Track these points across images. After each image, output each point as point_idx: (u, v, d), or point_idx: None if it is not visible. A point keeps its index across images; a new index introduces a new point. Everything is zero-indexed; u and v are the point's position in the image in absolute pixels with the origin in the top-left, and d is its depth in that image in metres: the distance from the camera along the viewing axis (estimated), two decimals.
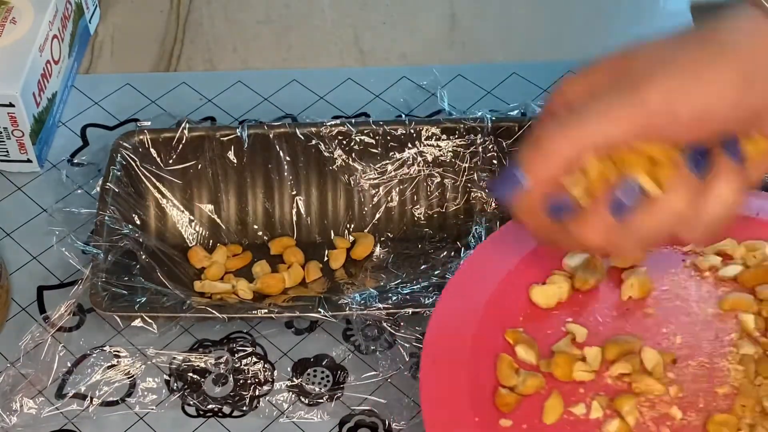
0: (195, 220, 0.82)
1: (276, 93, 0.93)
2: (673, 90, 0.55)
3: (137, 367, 0.74)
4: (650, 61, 0.56)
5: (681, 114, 0.55)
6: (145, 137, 0.81)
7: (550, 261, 0.71)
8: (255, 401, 0.73)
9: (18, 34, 0.85)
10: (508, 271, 0.71)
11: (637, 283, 0.70)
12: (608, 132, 0.55)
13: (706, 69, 0.55)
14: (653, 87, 0.55)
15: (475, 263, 0.71)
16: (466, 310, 0.69)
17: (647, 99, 0.54)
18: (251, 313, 0.73)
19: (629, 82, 0.55)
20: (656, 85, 0.55)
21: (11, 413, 0.72)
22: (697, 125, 0.55)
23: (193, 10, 1.01)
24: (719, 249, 0.72)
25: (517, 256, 0.71)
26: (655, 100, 0.54)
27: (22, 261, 0.81)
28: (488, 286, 0.70)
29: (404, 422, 0.72)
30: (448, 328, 0.68)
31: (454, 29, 0.99)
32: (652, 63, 0.56)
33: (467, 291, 0.70)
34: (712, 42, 0.56)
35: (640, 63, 0.56)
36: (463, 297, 0.70)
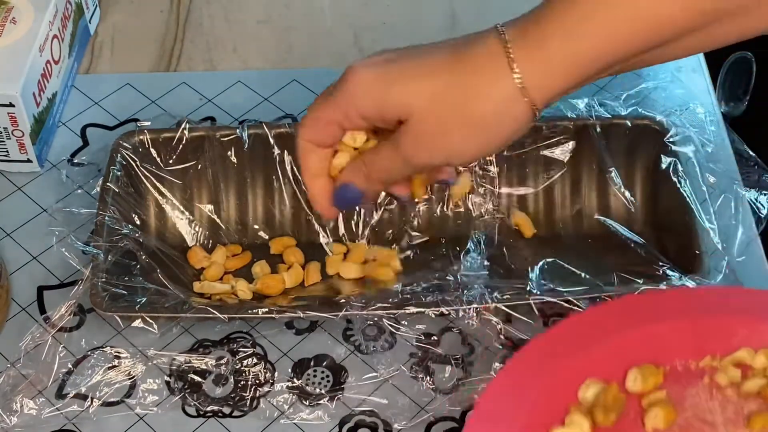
0: (195, 220, 0.82)
1: (276, 93, 0.92)
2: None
3: (137, 367, 0.74)
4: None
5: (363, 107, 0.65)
6: (145, 137, 0.81)
7: (564, 395, 0.67)
8: (255, 401, 0.73)
9: (18, 34, 0.85)
10: (527, 412, 0.65)
11: (661, 413, 0.66)
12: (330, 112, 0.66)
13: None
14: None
15: (490, 405, 0.66)
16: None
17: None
18: (252, 313, 0.73)
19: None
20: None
21: (11, 414, 0.71)
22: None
23: (193, 10, 1.01)
24: (737, 360, 0.68)
25: (532, 391, 0.66)
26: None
27: (22, 261, 0.81)
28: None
29: (404, 422, 0.72)
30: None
31: (454, 29, 0.99)
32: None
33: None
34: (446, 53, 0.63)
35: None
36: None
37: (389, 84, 0.63)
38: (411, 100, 0.62)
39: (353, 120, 0.65)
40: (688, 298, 0.70)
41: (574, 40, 0.59)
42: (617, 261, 0.79)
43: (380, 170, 0.67)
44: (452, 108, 0.62)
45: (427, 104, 0.62)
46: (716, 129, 0.86)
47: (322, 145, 0.68)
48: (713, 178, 0.82)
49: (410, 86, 0.63)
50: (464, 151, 0.64)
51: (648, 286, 0.73)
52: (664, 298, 0.70)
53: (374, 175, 0.67)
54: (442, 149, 0.64)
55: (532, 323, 0.75)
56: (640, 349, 0.67)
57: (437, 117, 0.62)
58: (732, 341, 0.68)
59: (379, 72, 0.64)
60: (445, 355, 0.75)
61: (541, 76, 0.60)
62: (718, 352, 0.68)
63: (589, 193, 0.83)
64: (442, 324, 0.76)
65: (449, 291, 0.75)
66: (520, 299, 0.73)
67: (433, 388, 0.73)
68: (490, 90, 0.61)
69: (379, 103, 0.64)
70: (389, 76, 0.63)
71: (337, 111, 0.65)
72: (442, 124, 0.62)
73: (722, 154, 0.85)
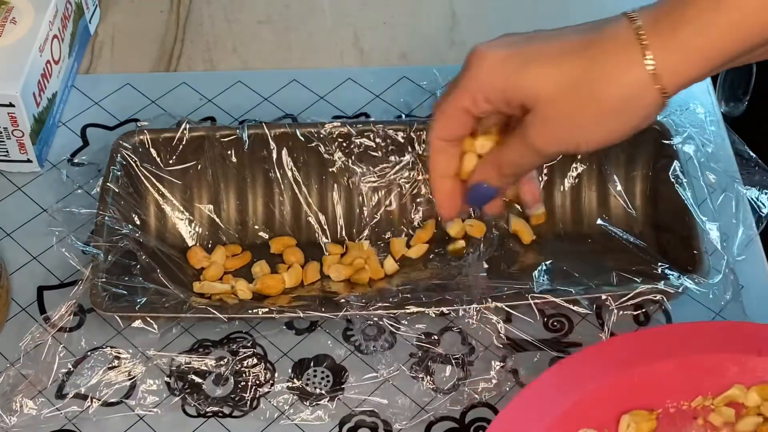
0: (195, 220, 0.82)
1: (276, 93, 0.92)
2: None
3: (137, 368, 0.74)
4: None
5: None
6: (145, 137, 0.81)
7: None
8: (255, 402, 0.73)
9: (18, 34, 0.85)
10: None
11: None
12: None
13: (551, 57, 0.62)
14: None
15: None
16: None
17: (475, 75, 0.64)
18: (252, 313, 0.73)
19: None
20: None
21: (11, 414, 0.71)
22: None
23: (193, 10, 1.01)
24: (730, 398, 0.67)
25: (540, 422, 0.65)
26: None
27: (22, 261, 0.81)
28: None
29: (404, 422, 0.72)
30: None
31: (454, 29, 0.99)
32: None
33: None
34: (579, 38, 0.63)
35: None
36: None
37: (517, 67, 0.63)
38: (539, 84, 0.62)
39: (479, 104, 0.65)
40: (675, 336, 0.69)
41: (707, 29, 0.59)
42: (617, 261, 0.79)
43: (510, 164, 0.67)
44: (582, 93, 0.61)
45: (555, 90, 0.62)
46: (716, 129, 0.86)
47: (454, 138, 0.67)
48: (713, 178, 0.82)
49: (539, 70, 0.62)
50: (592, 137, 0.63)
51: (647, 286, 0.73)
52: (651, 337, 0.69)
53: (505, 171, 0.67)
54: (571, 136, 0.63)
55: (532, 323, 0.75)
56: (631, 393, 0.66)
57: (566, 103, 0.62)
58: (723, 379, 0.67)
59: (506, 53, 0.63)
60: (445, 354, 0.75)
61: (673, 64, 0.60)
62: (709, 391, 0.67)
63: (589, 193, 0.83)
64: (442, 324, 0.76)
65: (449, 291, 0.75)
66: (520, 299, 0.73)
67: (433, 388, 0.73)
68: (622, 76, 0.61)
69: (505, 85, 0.63)
70: (517, 59, 0.63)
71: (465, 96, 0.65)
72: (570, 110, 0.62)
73: (722, 154, 0.85)
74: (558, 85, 0.62)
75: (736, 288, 0.76)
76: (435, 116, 0.67)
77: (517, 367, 0.74)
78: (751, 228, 0.81)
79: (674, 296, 0.75)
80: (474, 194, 0.69)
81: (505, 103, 0.64)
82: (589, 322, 0.77)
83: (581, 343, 0.75)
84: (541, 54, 0.63)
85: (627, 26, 0.61)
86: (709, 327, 0.72)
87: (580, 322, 0.77)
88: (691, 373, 0.67)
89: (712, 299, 0.75)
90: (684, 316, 0.77)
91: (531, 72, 0.62)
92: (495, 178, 0.68)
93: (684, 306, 0.77)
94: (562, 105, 0.62)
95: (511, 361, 0.74)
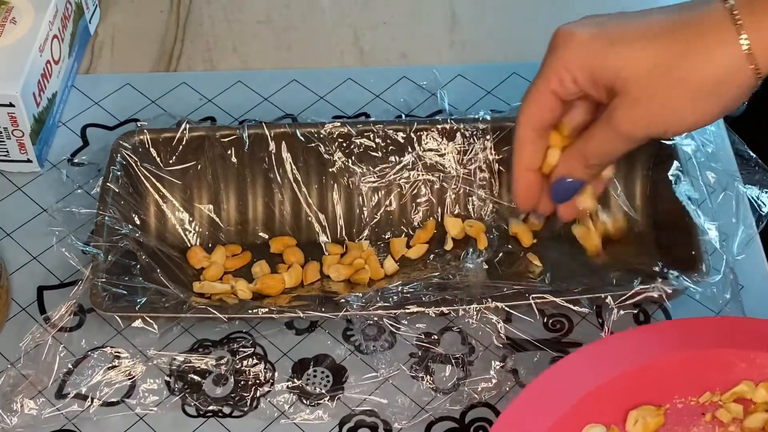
0: (195, 220, 0.82)
1: (276, 93, 0.92)
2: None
3: (137, 367, 0.74)
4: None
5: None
6: (145, 137, 0.81)
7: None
8: (255, 401, 0.73)
9: (18, 34, 0.85)
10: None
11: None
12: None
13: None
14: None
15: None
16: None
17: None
18: (252, 313, 0.73)
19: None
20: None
21: (12, 414, 0.72)
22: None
23: (193, 10, 1.01)
24: (738, 394, 0.67)
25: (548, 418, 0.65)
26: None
27: (22, 261, 0.81)
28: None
29: (404, 422, 0.72)
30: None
31: (454, 29, 0.99)
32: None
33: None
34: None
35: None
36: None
37: (606, 47, 0.62)
38: (629, 65, 0.61)
39: (567, 84, 0.64)
40: (682, 331, 0.68)
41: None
42: (617, 261, 0.79)
43: (597, 153, 0.66)
44: (674, 74, 0.61)
45: (646, 71, 0.61)
46: (716, 129, 0.86)
47: (542, 126, 0.67)
48: (713, 177, 0.82)
49: (629, 51, 0.62)
50: (683, 120, 0.63)
51: (646, 286, 0.73)
52: (657, 333, 0.69)
53: (592, 161, 0.67)
54: (661, 119, 0.63)
55: (532, 323, 0.75)
56: (638, 389, 0.66)
57: (657, 84, 0.61)
58: (731, 375, 0.67)
59: (593, 33, 0.63)
60: (445, 354, 0.75)
61: (767, 43, 0.60)
62: (717, 387, 0.67)
63: None
64: (442, 324, 0.76)
65: (449, 291, 0.75)
66: (520, 299, 0.73)
67: (433, 387, 0.73)
68: (716, 56, 0.60)
69: (593, 65, 0.63)
70: (606, 39, 0.62)
71: (552, 77, 0.65)
72: (662, 92, 0.61)
73: (722, 154, 0.85)
74: (649, 66, 0.61)
75: (735, 288, 0.76)
76: (522, 104, 0.67)
77: (517, 367, 0.74)
78: (751, 227, 0.81)
79: (674, 296, 0.75)
80: (558, 189, 0.69)
81: (592, 84, 0.63)
82: (589, 322, 0.77)
83: (581, 343, 0.75)
84: (630, 35, 0.62)
85: (720, 7, 0.60)
86: (717, 322, 0.71)
87: (580, 322, 0.77)
88: (698, 368, 0.67)
89: (712, 299, 0.75)
90: (683, 315, 0.77)
91: (620, 53, 0.62)
92: (580, 170, 0.67)
93: (683, 306, 0.77)
94: (653, 86, 0.61)
95: (511, 361, 0.75)
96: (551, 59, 0.64)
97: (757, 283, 0.79)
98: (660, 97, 0.62)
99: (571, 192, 0.70)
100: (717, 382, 0.67)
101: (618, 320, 0.74)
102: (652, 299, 0.76)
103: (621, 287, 0.74)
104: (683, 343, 0.67)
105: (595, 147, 0.66)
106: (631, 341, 0.68)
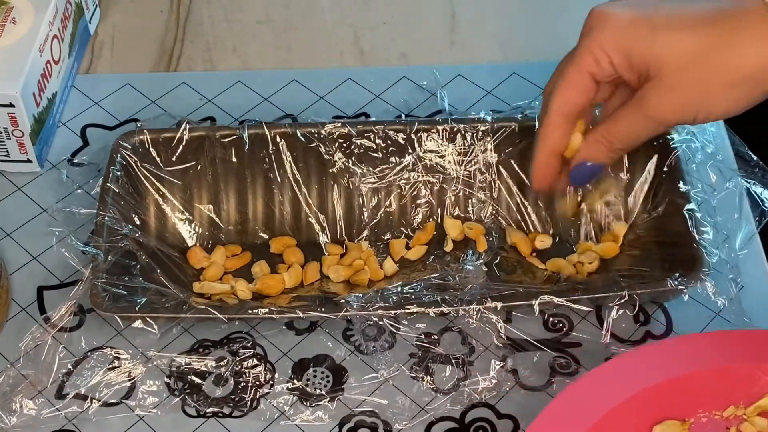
0: (195, 220, 0.82)
1: (276, 93, 0.92)
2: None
3: (137, 368, 0.74)
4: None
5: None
6: (145, 137, 0.81)
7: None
8: (255, 402, 0.73)
9: (18, 34, 0.85)
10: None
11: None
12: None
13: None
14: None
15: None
16: None
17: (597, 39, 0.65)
18: (252, 313, 0.73)
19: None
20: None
21: (11, 414, 0.71)
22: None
23: (193, 10, 1.01)
24: (762, 408, 0.67)
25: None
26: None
27: (22, 261, 0.81)
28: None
29: (405, 422, 0.72)
30: None
31: (454, 29, 0.99)
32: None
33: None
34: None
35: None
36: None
37: (645, 31, 0.63)
38: (668, 51, 0.62)
39: (603, 65, 0.64)
40: (706, 345, 0.68)
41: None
42: (617, 261, 0.79)
43: (624, 137, 0.67)
44: (713, 62, 0.62)
45: (685, 58, 0.62)
46: (716, 129, 0.86)
47: (575, 109, 0.67)
48: (713, 178, 0.82)
49: (668, 37, 0.62)
50: (716, 107, 0.64)
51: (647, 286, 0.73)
52: (680, 346, 0.69)
53: (617, 145, 0.67)
54: (694, 105, 0.64)
55: (532, 323, 0.76)
56: (662, 403, 0.66)
57: (695, 71, 0.62)
58: (755, 389, 0.67)
59: (631, 16, 0.64)
60: (445, 354, 0.75)
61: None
62: (741, 401, 0.67)
63: None
64: (442, 324, 0.76)
65: (449, 291, 0.75)
66: (520, 299, 0.73)
67: (433, 388, 0.73)
68: (755, 49, 0.61)
69: (631, 48, 0.63)
70: (644, 23, 0.63)
71: (588, 57, 0.65)
72: (699, 78, 0.62)
73: (722, 154, 0.85)
74: (688, 53, 0.62)
75: (736, 288, 0.76)
76: (556, 88, 0.67)
77: (517, 367, 0.74)
78: (752, 225, 0.81)
79: (674, 296, 0.75)
80: (577, 173, 0.69)
81: (628, 67, 0.64)
82: (589, 322, 0.77)
83: (581, 343, 0.75)
84: (670, 21, 0.63)
85: (762, 3, 0.61)
86: (739, 335, 0.71)
87: (580, 322, 0.77)
88: (723, 382, 0.66)
89: (712, 299, 0.75)
90: (684, 316, 0.77)
91: (660, 38, 0.62)
92: (604, 154, 0.68)
93: (684, 306, 0.76)
94: (691, 73, 0.62)
95: (511, 361, 0.75)
96: (588, 40, 0.65)
97: (757, 284, 0.79)
98: (697, 84, 0.63)
99: (591, 176, 0.70)
100: (741, 395, 0.67)
101: (618, 321, 0.74)
102: (652, 300, 0.76)
103: (621, 287, 0.73)
104: (706, 358, 0.67)
105: (623, 130, 0.66)
106: (654, 356, 0.68)
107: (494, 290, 0.74)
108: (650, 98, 0.64)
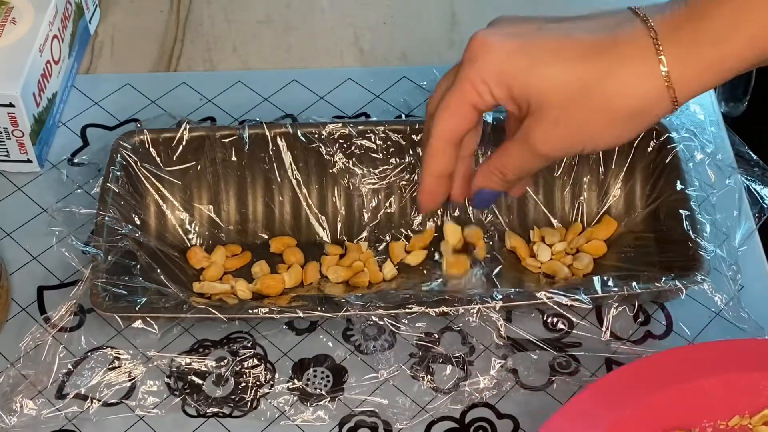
0: (195, 220, 0.82)
1: (276, 93, 0.92)
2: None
3: (138, 368, 0.74)
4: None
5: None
6: (145, 137, 0.81)
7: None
8: (255, 402, 0.73)
9: (18, 34, 0.85)
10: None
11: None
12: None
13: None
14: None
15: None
16: None
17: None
18: (252, 313, 0.73)
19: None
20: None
21: (11, 414, 0.71)
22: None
23: (193, 10, 1.01)
24: (767, 418, 0.67)
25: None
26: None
27: (22, 261, 0.81)
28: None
29: (405, 422, 0.72)
30: None
31: (454, 29, 0.99)
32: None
33: None
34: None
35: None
36: None
37: (526, 64, 0.62)
38: (549, 86, 0.61)
39: (485, 97, 0.64)
40: (710, 354, 0.68)
41: (726, 44, 0.59)
42: (616, 261, 0.79)
43: (516, 169, 0.66)
44: (595, 101, 0.61)
45: (566, 94, 0.61)
46: (716, 129, 0.86)
47: (458, 136, 0.66)
48: (713, 177, 0.82)
49: (549, 71, 0.61)
50: (599, 142, 0.63)
51: (647, 286, 0.73)
52: (685, 356, 0.69)
53: (510, 176, 0.67)
54: (578, 141, 0.63)
55: (532, 322, 0.76)
56: (667, 413, 0.66)
57: (576, 108, 0.61)
58: (760, 398, 0.66)
59: (513, 47, 0.62)
60: (446, 354, 0.75)
61: (688, 76, 0.60)
62: (746, 410, 0.67)
63: (589, 193, 0.83)
64: (442, 323, 0.76)
65: (449, 291, 0.75)
66: (520, 299, 0.73)
67: (433, 387, 0.73)
68: (637, 86, 0.60)
69: (513, 82, 0.62)
70: (525, 56, 0.62)
71: (471, 90, 0.64)
72: (581, 116, 0.61)
73: (723, 154, 0.85)
74: (569, 89, 0.61)
75: (736, 288, 0.76)
76: (438, 115, 0.66)
77: (517, 366, 0.74)
78: (751, 221, 0.81)
79: (674, 296, 0.75)
80: (479, 198, 0.70)
81: (510, 100, 0.63)
82: (589, 321, 0.77)
83: (581, 342, 0.75)
84: (551, 53, 0.61)
85: (643, 33, 0.60)
86: (744, 344, 0.71)
87: (580, 321, 0.77)
88: (727, 391, 0.66)
89: (712, 299, 0.75)
90: (684, 315, 0.77)
91: (540, 73, 0.61)
92: (499, 184, 0.68)
93: (684, 306, 0.77)
94: (572, 110, 0.61)
95: (512, 360, 0.75)
96: (469, 69, 0.64)
97: (758, 284, 0.79)
98: (579, 121, 0.62)
99: (492, 200, 0.70)
100: (746, 405, 0.67)
101: (618, 321, 0.74)
102: (652, 300, 0.76)
103: (621, 287, 0.73)
104: (711, 367, 0.67)
105: (514, 163, 0.66)
106: (658, 366, 0.67)
107: (494, 290, 0.74)
108: (535, 133, 0.63)
